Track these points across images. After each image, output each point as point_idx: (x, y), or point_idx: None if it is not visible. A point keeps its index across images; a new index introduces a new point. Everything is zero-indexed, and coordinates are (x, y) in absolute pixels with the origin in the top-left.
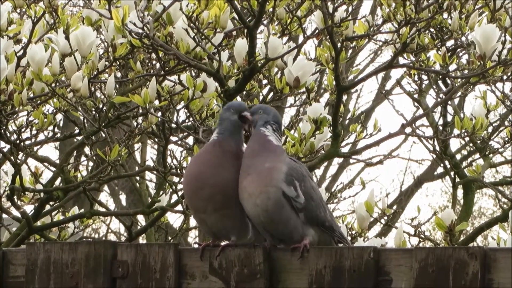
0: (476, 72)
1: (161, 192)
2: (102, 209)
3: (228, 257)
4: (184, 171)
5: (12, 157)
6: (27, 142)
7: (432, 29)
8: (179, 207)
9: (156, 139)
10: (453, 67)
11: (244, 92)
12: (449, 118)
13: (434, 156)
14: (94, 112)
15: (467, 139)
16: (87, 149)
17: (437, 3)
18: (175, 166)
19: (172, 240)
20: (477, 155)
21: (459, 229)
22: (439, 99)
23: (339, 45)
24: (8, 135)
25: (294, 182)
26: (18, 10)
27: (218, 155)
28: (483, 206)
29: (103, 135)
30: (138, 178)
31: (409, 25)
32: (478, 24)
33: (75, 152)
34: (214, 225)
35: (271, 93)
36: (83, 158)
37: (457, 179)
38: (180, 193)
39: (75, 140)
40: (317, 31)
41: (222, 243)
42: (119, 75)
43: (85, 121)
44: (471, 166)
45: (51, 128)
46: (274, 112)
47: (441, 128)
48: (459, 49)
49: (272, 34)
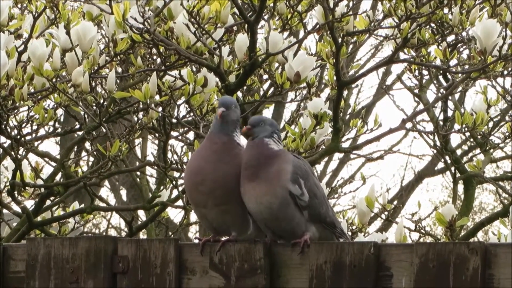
0: (476, 67)
1: (161, 187)
2: (102, 204)
3: (229, 252)
4: (184, 166)
5: (12, 152)
6: (27, 137)
7: (432, 24)
8: (179, 202)
9: (157, 134)
10: (453, 62)
11: (245, 87)
12: (449, 113)
13: (435, 151)
14: (94, 107)
15: (467, 134)
16: (87, 144)
17: None
18: (176, 161)
19: (172, 235)
20: (477, 150)
21: (459, 224)
22: (439, 94)
23: (339, 40)
24: (9, 130)
25: (299, 180)
26: (19, 5)
27: (216, 150)
28: (484, 201)
29: (104, 130)
30: (138, 173)
31: (409, 20)
32: (478, 19)
33: (75, 147)
34: (214, 220)
35: (272, 88)
36: (83, 153)
37: (457, 174)
38: (180, 188)
39: (75, 135)
40: (317, 26)
41: (223, 238)
42: (119, 70)
43: (85, 116)
44: (471, 161)
45: (51, 123)
46: (275, 124)
47: (441, 123)
48: (459, 44)
49: (272, 29)
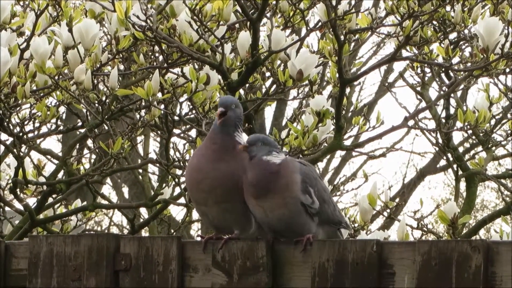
0: (479, 65)
1: (164, 185)
2: (104, 202)
3: (231, 250)
4: (186, 163)
5: (15, 150)
6: (30, 135)
7: (435, 22)
8: (182, 200)
9: (159, 132)
10: (456, 60)
11: (247, 85)
12: (452, 111)
13: (437, 149)
14: (97, 105)
15: (469, 132)
16: (90, 142)
17: None
18: (178, 158)
19: (174, 233)
20: (479, 148)
21: (461, 222)
22: (442, 92)
23: (342, 37)
24: (11, 127)
25: (309, 189)
26: (21, 3)
27: (216, 150)
28: (486, 199)
29: (106, 127)
30: (141, 170)
31: (412, 18)
32: (481, 17)
33: (78, 144)
34: (215, 218)
35: (274, 86)
36: (86, 151)
37: (459, 172)
38: (182, 186)
39: (78, 132)
40: (320, 23)
41: (225, 236)
42: (122, 67)
43: (88, 113)
44: (473, 159)
45: (54, 120)
46: (273, 143)
47: (443, 120)
48: (462, 42)
49: (275, 27)
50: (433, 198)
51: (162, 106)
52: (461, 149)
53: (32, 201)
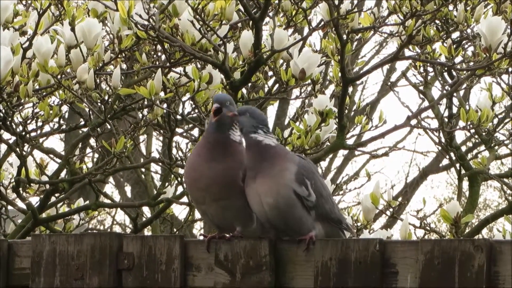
0: (481, 64)
1: (166, 184)
2: (107, 201)
3: (234, 249)
4: None
5: (17, 149)
6: (32, 134)
7: (437, 21)
8: (184, 199)
9: (162, 131)
10: (458, 59)
11: (250, 84)
12: (454, 110)
13: (440, 148)
14: (99, 104)
15: (472, 131)
16: (92, 141)
17: None
18: (181, 157)
19: (177, 232)
20: (482, 147)
21: (464, 221)
22: (444, 91)
23: (344, 37)
24: (14, 126)
25: (305, 181)
26: (24, 2)
27: (211, 148)
28: (489, 198)
29: (109, 127)
30: (143, 170)
31: (414, 17)
32: (483, 16)
33: (80, 144)
34: (215, 217)
35: (277, 85)
36: (88, 150)
37: (462, 171)
38: (185, 185)
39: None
40: (322, 23)
41: (228, 235)
42: (124, 67)
43: (90, 112)
44: (476, 158)
45: (56, 119)
46: (260, 115)
47: (446, 120)
48: (464, 41)
49: (277, 26)
50: (435, 197)
51: (165, 105)
52: (463, 148)
53: (34, 200)
